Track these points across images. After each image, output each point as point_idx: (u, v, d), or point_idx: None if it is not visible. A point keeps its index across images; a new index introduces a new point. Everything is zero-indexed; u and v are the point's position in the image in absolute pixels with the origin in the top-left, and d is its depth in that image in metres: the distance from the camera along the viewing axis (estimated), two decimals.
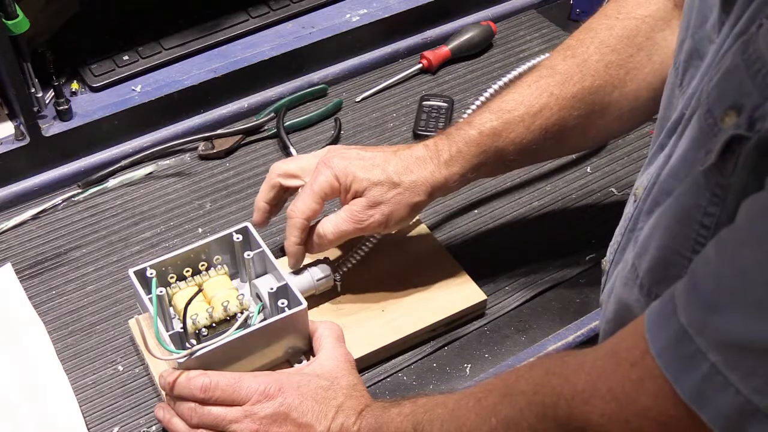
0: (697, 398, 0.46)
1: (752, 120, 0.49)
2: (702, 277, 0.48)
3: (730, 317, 0.45)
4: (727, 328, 0.45)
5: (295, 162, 0.90)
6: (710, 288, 0.47)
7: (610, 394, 0.52)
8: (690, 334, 0.47)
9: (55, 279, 0.95)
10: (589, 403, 0.53)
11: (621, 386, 0.51)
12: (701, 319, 0.47)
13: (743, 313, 0.44)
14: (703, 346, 0.46)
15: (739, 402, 0.44)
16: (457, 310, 0.88)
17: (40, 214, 1.02)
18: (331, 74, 1.19)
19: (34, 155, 1.03)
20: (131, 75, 1.11)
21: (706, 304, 0.47)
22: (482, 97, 0.91)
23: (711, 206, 0.54)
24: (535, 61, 0.91)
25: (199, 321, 0.81)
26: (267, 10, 1.18)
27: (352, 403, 0.76)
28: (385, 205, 0.83)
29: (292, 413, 0.75)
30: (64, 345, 0.89)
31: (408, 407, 0.71)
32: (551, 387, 0.57)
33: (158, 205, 1.04)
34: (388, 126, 1.13)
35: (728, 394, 0.45)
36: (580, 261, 0.95)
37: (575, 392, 0.54)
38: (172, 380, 0.77)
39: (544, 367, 0.60)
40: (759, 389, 0.44)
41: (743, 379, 0.44)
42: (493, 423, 0.61)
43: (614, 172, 1.04)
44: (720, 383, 0.45)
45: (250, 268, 0.86)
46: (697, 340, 0.46)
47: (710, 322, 0.46)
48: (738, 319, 0.44)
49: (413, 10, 1.22)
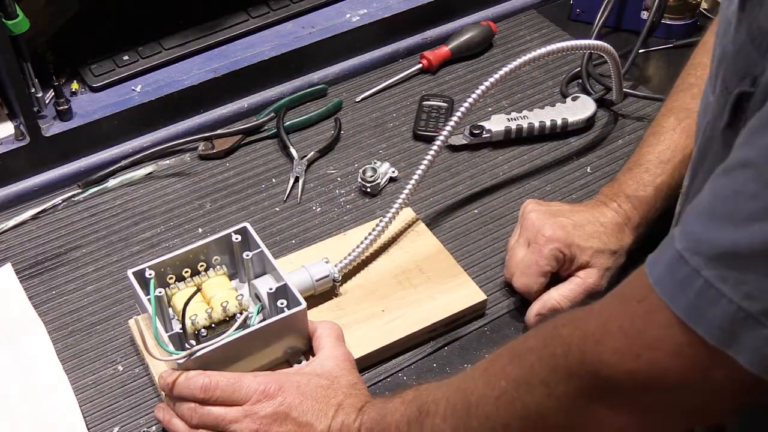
0: (691, 314, 0.48)
1: (756, 79, 0.51)
2: (696, 206, 0.50)
3: (721, 230, 0.47)
4: (717, 240, 0.47)
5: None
6: (704, 212, 0.49)
7: (620, 331, 0.53)
8: (685, 257, 0.49)
9: (55, 279, 0.95)
10: (600, 343, 0.54)
11: (630, 322, 0.52)
12: (695, 238, 0.49)
13: (734, 225, 0.47)
14: (696, 264, 0.48)
15: (731, 311, 0.46)
16: (457, 310, 0.88)
17: (40, 214, 1.02)
18: (331, 74, 1.19)
19: (34, 155, 1.04)
20: (131, 75, 1.11)
21: (699, 224, 0.49)
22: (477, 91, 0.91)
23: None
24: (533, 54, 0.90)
25: (198, 321, 0.81)
26: (267, 10, 1.18)
27: (353, 401, 0.76)
28: (609, 271, 0.87)
29: (293, 413, 0.75)
30: (64, 345, 0.89)
31: (411, 394, 0.71)
32: (561, 337, 0.58)
33: (158, 205, 1.04)
34: (388, 126, 1.13)
35: (721, 305, 0.47)
36: None
37: (586, 335, 0.55)
38: (172, 381, 0.77)
39: (552, 323, 0.61)
40: (749, 294, 0.46)
41: (734, 287, 0.46)
42: (503, 385, 0.61)
43: (614, 172, 1.04)
44: (713, 296, 0.47)
45: (249, 268, 0.86)
46: (692, 260, 0.48)
47: (703, 237, 0.48)
48: (729, 231, 0.47)
49: (413, 10, 1.22)
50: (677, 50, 1.21)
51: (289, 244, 0.98)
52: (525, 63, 0.91)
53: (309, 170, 1.07)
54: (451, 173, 1.06)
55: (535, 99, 1.16)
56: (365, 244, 0.91)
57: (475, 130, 1.08)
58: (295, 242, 0.98)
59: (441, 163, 1.07)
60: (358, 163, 1.07)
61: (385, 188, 1.04)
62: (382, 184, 1.04)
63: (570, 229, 0.86)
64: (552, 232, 0.85)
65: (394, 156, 1.08)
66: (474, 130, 1.08)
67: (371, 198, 1.03)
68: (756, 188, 0.46)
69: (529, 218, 0.88)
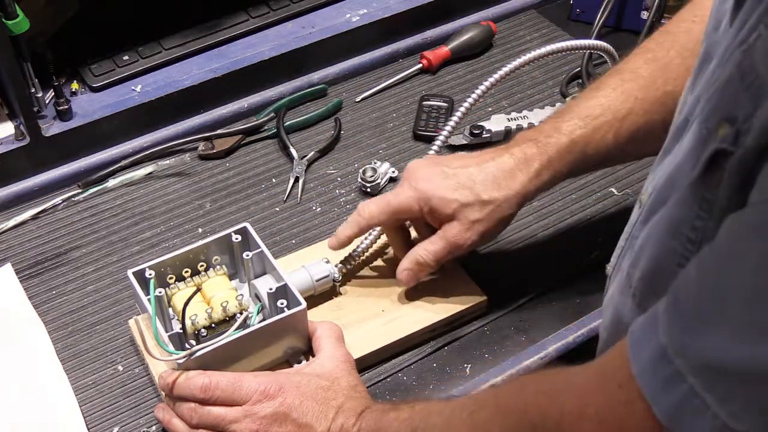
0: (674, 420, 0.46)
1: (738, 133, 0.48)
2: (683, 296, 0.47)
3: (708, 340, 0.44)
4: (705, 351, 0.44)
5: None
6: (690, 309, 0.46)
7: (597, 416, 0.51)
8: (669, 355, 0.46)
9: (55, 279, 0.95)
10: (576, 426, 0.53)
11: (608, 408, 0.51)
12: (680, 340, 0.46)
13: (721, 337, 0.43)
14: (682, 367, 0.45)
15: (716, 426, 0.44)
16: (457, 310, 0.88)
17: (40, 214, 1.02)
18: (331, 74, 1.19)
19: (34, 155, 1.04)
20: (131, 75, 1.11)
21: (686, 325, 0.46)
22: (477, 91, 0.91)
23: (697, 220, 0.53)
24: (533, 54, 0.90)
25: (198, 321, 0.81)
26: (267, 10, 1.18)
27: (353, 404, 0.76)
28: (480, 224, 0.82)
29: (292, 413, 0.75)
30: (64, 345, 0.89)
31: (406, 412, 0.71)
32: (540, 407, 0.57)
33: (158, 205, 1.04)
34: (388, 126, 1.13)
35: (705, 418, 0.44)
36: (580, 261, 0.95)
37: (563, 413, 0.54)
38: (172, 381, 0.77)
39: (535, 386, 0.60)
40: (735, 414, 0.43)
41: (720, 403, 0.44)
42: None
43: (614, 172, 1.04)
44: (697, 406, 0.44)
45: (249, 268, 0.86)
46: (677, 361, 0.46)
47: (689, 344, 0.45)
48: (716, 342, 0.44)
49: (413, 10, 1.22)
50: None
51: (289, 244, 0.98)
52: (525, 63, 0.91)
53: (309, 170, 1.07)
54: None
55: (535, 99, 1.16)
56: (365, 244, 0.91)
57: (475, 130, 1.08)
58: (295, 242, 0.98)
59: None
60: (358, 163, 1.07)
61: (385, 188, 1.04)
62: (382, 184, 1.04)
63: (437, 180, 0.83)
64: (416, 184, 0.83)
65: (394, 156, 1.08)
66: (474, 130, 1.08)
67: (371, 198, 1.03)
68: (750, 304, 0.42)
69: (408, 167, 0.86)
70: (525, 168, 0.82)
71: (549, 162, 0.82)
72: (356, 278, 0.92)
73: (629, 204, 1.00)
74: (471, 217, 0.82)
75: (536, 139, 0.83)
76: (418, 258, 0.85)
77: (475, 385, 0.83)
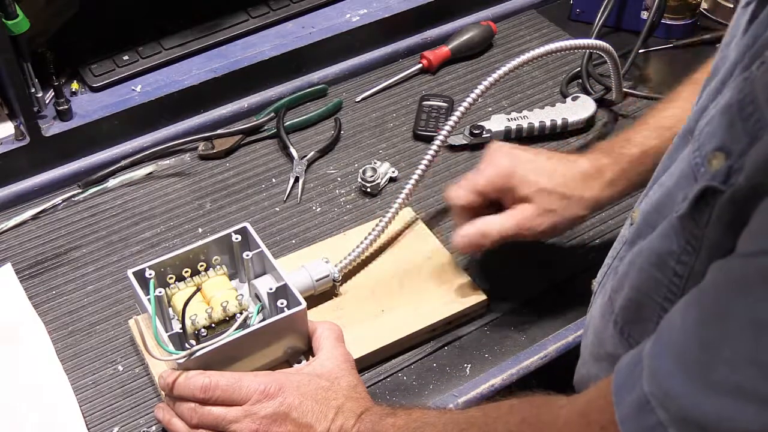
0: None
1: (730, 170, 0.47)
2: (666, 344, 0.47)
3: (690, 394, 0.44)
4: (687, 406, 0.44)
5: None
6: (673, 360, 0.46)
7: None
8: (652, 405, 0.46)
9: (55, 279, 0.95)
10: None
11: None
12: (663, 391, 0.46)
13: (704, 393, 0.43)
14: (664, 419, 0.45)
15: None
16: (457, 310, 0.88)
17: (40, 214, 1.02)
18: (331, 74, 1.19)
19: (34, 155, 1.04)
20: (131, 75, 1.11)
21: (669, 375, 0.46)
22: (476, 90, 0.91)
23: (684, 255, 0.53)
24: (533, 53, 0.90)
25: (198, 321, 0.81)
26: (267, 10, 1.18)
27: (352, 405, 0.76)
28: (553, 214, 0.82)
29: (292, 413, 0.75)
30: (64, 345, 0.89)
31: (402, 419, 0.71)
32: None
33: (158, 205, 1.04)
34: (388, 126, 1.13)
35: None
36: (580, 261, 0.95)
37: None
38: (172, 381, 0.77)
39: (521, 414, 0.60)
40: None
41: None
42: None
43: None
44: None
45: (249, 268, 0.86)
46: (659, 412, 0.46)
47: (671, 396, 0.45)
48: (698, 398, 0.44)
49: (413, 10, 1.22)
50: (677, 50, 1.21)
51: (289, 244, 0.98)
52: (525, 62, 0.90)
53: (309, 170, 1.07)
54: (451, 173, 1.06)
55: (535, 99, 1.16)
56: (365, 244, 0.91)
57: (475, 130, 1.08)
58: (295, 242, 0.98)
59: (441, 163, 1.07)
60: (358, 163, 1.07)
61: (385, 188, 1.04)
62: (382, 184, 1.04)
63: (521, 160, 0.83)
64: (498, 160, 0.83)
65: (394, 156, 1.08)
66: (474, 130, 1.08)
67: (371, 198, 1.03)
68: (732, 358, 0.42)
69: (491, 146, 0.86)
70: (599, 176, 0.82)
71: (622, 172, 0.82)
72: (356, 278, 0.92)
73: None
74: (546, 205, 0.81)
75: (610, 149, 0.83)
76: (484, 228, 0.83)
77: (475, 385, 0.83)
